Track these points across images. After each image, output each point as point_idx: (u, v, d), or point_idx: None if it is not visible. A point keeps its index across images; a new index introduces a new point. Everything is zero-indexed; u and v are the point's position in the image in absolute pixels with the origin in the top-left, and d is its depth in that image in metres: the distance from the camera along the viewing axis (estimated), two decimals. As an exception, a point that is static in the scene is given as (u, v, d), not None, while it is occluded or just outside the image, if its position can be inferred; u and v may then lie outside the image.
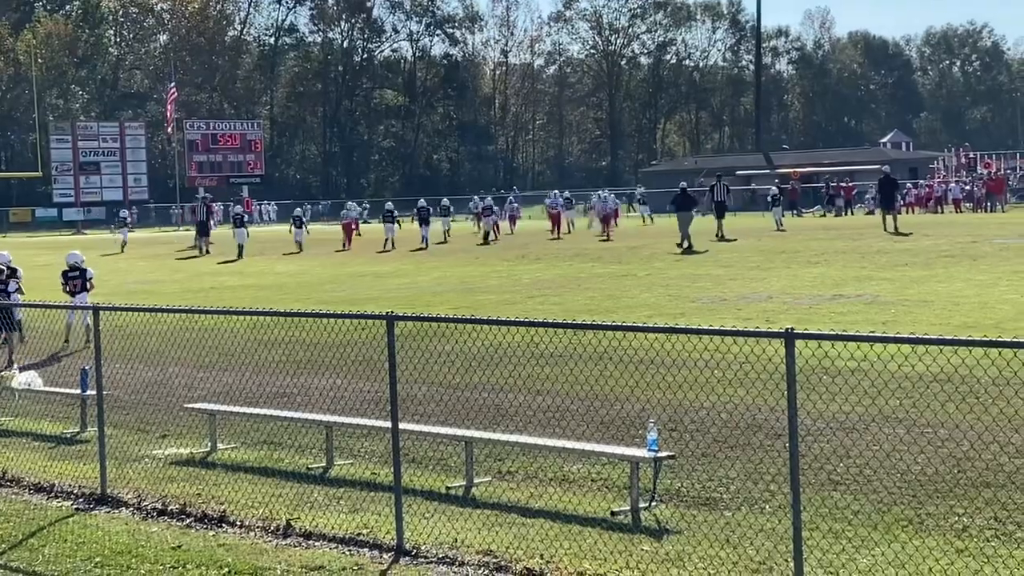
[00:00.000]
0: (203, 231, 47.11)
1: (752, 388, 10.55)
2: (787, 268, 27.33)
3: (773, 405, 10.46)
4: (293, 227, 47.31)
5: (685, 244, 35.43)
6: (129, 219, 58.46)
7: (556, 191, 56.05)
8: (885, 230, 37.16)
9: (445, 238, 47.70)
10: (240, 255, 42.73)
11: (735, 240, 37.75)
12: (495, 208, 51.25)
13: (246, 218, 49.61)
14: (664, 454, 9.60)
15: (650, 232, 46.22)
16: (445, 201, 53.28)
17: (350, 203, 53.91)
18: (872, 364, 8.24)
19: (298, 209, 54.62)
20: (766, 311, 19.51)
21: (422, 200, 49.13)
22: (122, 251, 48.93)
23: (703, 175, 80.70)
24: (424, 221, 46.13)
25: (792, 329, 7.07)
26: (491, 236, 47.03)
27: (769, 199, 52.85)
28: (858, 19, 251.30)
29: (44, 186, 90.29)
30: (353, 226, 48.93)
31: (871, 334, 7.47)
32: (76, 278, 20.85)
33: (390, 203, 49.88)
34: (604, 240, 41.97)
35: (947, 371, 7.89)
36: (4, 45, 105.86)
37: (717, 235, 39.50)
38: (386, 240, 44.58)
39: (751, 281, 24.77)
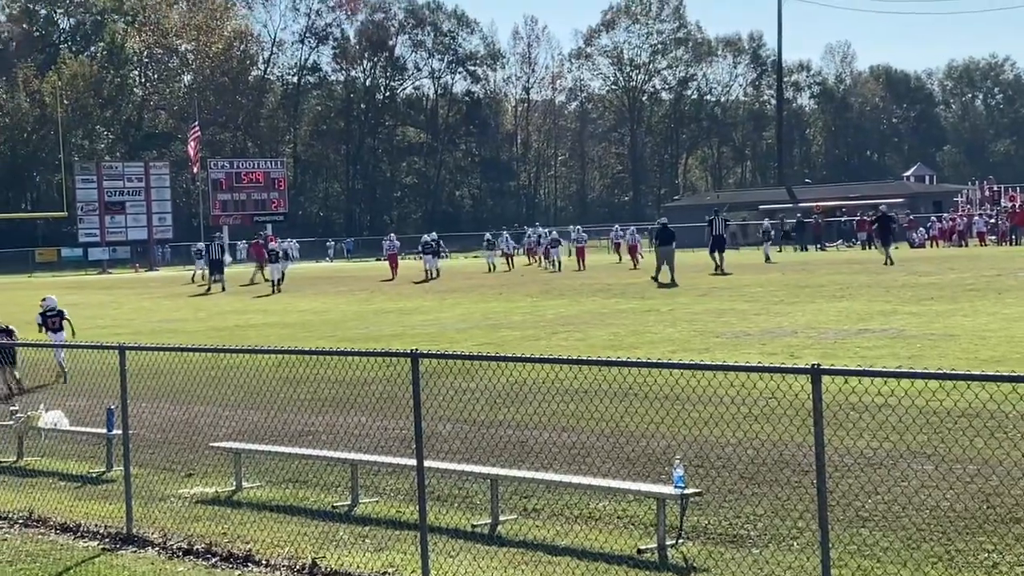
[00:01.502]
0: (216, 269, 47.98)
1: (778, 424, 10.49)
2: (812, 303, 27.25)
3: (800, 441, 10.40)
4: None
5: (667, 278, 36.33)
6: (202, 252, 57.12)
7: (578, 226, 59.96)
8: (886, 264, 38.53)
9: (505, 266, 48.41)
10: (277, 289, 43.74)
11: (731, 274, 38.46)
12: (562, 241, 56.30)
13: (287, 252, 51.41)
14: (691, 491, 9.54)
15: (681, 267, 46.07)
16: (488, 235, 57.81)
17: (392, 235, 56.29)
18: (899, 399, 8.17)
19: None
20: (791, 346, 19.44)
21: (431, 234, 51.91)
22: (192, 281, 50.30)
23: (725, 209, 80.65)
24: (434, 254, 48.75)
25: (819, 365, 7.04)
26: (557, 268, 50.40)
27: (760, 233, 53.98)
28: (879, 53, 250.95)
29: (70, 226, 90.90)
30: (396, 257, 51.83)
31: (898, 369, 7.43)
32: (54, 317, 22.33)
33: (433, 235, 52.00)
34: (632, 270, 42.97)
35: (975, 406, 7.83)
36: (30, 86, 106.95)
37: (716, 269, 39.94)
38: (427, 271, 47.63)
39: (776, 316, 24.69)
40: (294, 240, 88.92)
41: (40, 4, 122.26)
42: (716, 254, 40.69)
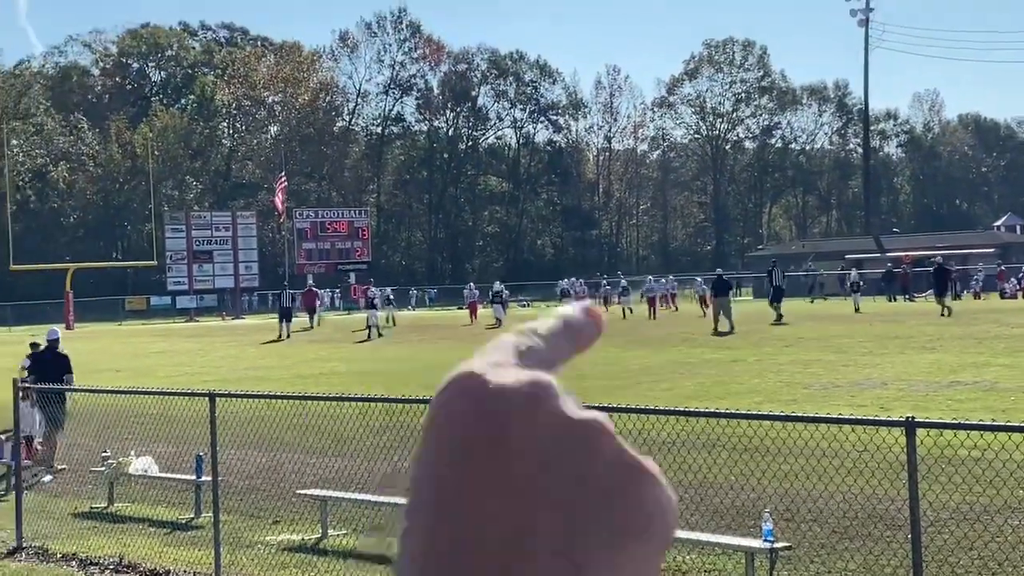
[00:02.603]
0: (285, 317, 50.11)
1: (871, 477, 10.31)
2: (901, 354, 26.84)
3: (892, 495, 10.21)
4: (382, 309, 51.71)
5: (726, 327, 37.56)
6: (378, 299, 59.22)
7: (652, 276, 63.27)
8: (943, 315, 39.49)
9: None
10: (374, 335, 45.58)
11: (788, 324, 39.37)
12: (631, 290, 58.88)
13: (384, 300, 53.60)
14: (780, 544, 9.40)
15: (753, 317, 45.80)
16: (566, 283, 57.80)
17: (471, 284, 61.11)
18: (996, 453, 8.01)
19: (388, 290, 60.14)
20: (881, 398, 19.14)
21: (498, 284, 55.50)
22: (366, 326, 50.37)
23: (811, 259, 79.93)
24: (501, 303, 52.34)
25: (913, 418, 6.92)
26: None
27: (848, 284, 54.14)
28: (968, 101, 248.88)
29: (159, 274, 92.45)
30: (477, 305, 55.20)
31: (993, 422, 7.27)
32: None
33: (499, 285, 55.31)
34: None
35: (1076, 461, 7.63)
36: (122, 138, 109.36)
37: (778, 319, 40.80)
38: (497, 320, 49.50)
39: (864, 367, 24.35)
40: (378, 288, 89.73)
41: (133, 58, 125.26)
42: (775, 304, 41.93)
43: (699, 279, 62.27)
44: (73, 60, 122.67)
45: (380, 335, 46.09)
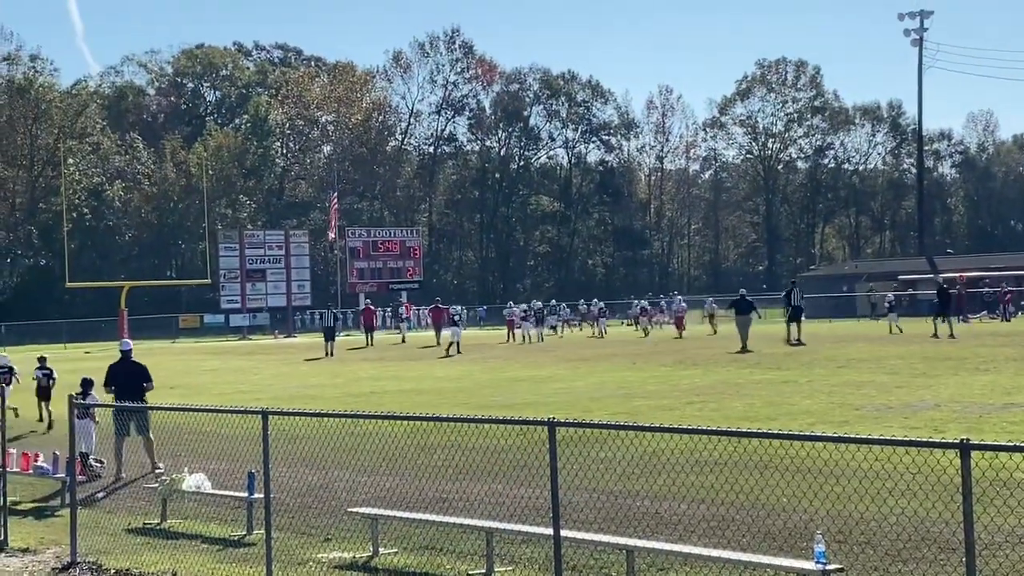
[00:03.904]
0: (329, 336, 52.14)
1: (925, 500, 10.20)
2: (955, 375, 26.57)
3: (948, 518, 10.09)
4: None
5: (739, 347, 38.93)
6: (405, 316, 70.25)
7: (679, 295, 67.93)
8: (949, 336, 41.42)
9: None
10: (453, 351, 46.97)
11: (805, 344, 40.10)
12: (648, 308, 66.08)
13: (457, 318, 54.44)
14: (833, 567, 9.32)
15: (807, 338, 45.52)
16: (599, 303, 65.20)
17: (511, 303, 65.87)
18: (1052, 476, 7.95)
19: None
20: (934, 420, 18.95)
21: (536, 303, 61.31)
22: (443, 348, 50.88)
23: (864, 279, 79.30)
24: (539, 321, 57.12)
25: (968, 440, 6.86)
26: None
27: (887, 305, 54.62)
28: (1023, 122, 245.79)
29: (212, 293, 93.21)
30: (516, 323, 57.99)
31: (1051, 445, 7.17)
32: (6, 374, 26.09)
33: (538, 303, 62.12)
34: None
35: None
36: (177, 157, 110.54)
37: (795, 338, 41.63)
38: (525, 336, 55.03)
39: (917, 389, 24.12)
40: (429, 308, 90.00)
41: (188, 78, 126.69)
42: (793, 324, 42.56)
43: (709, 299, 64.57)
44: (129, 80, 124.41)
45: (459, 351, 47.08)
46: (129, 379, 19.22)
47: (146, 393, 19.47)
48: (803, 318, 43.98)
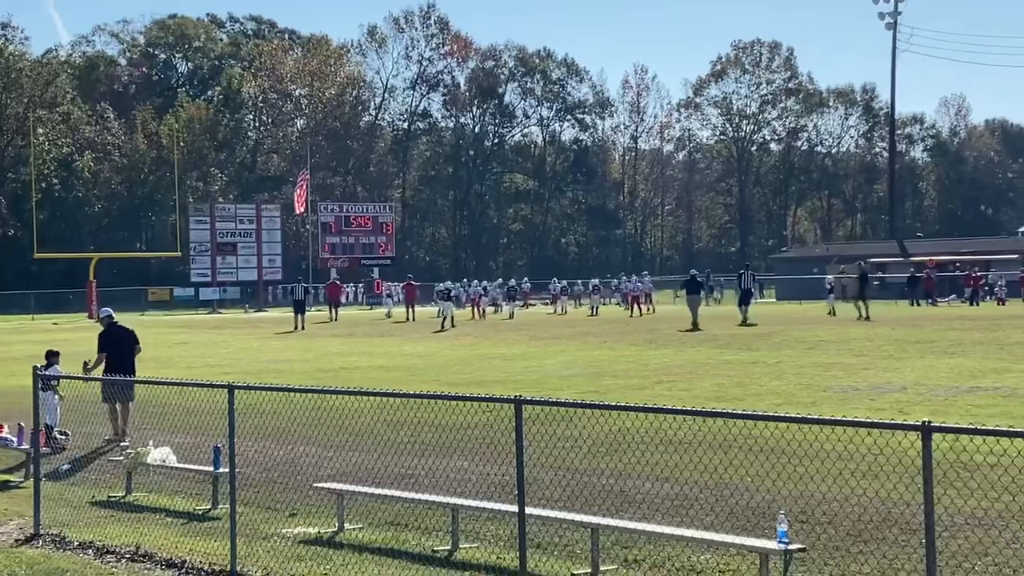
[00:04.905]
0: (299, 309, 52.91)
1: (886, 481, 10.28)
2: (922, 358, 26.75)
3: (909, 500, 10.18)
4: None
5: (694, 324, 40.93)
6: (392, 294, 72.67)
7: (634, 275, 68.65)
8: (859, 318, 43.51)
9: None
10: (448, 326, 48.09)
11: (755, 325, 41.27)
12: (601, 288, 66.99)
13: (452, 292, 54.85)
14: (795, 546, 9.38)
15: (776, 319, 45.79)
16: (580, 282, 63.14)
17: (475, 281, 67.52)
18: (1012, 459, 8.00)
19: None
20: (900, 402, 19.08)
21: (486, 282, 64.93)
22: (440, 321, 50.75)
23: (835, 262, 79.64)
24: (510, 298, 60.86)
25: (929, 422, 6.90)
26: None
27: (828, 286, 56.87)
28: (995, 107, 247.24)
29: (182, 266, 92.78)
30: (479, 302, 60.08)
31: (1011, 428, 7.23)
32: None
33: (512, 281, 63.95)
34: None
35: (1093, 469, 7.59)
36: (148, 129, 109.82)
37: (742, 320, 43.03)
38: (506, 312, 57.45)
39: (884, 371, 24.27)
40: (401, 284, 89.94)
41: (160, 49, 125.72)
42: (743, 307, 44.27)
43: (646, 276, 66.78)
44: (100, 50, 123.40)
45: (453, 325, 48.32)
46: (122, 342, 19.93)
47: (135, 356, 20.00)
48: (752, 301, 45.82)
